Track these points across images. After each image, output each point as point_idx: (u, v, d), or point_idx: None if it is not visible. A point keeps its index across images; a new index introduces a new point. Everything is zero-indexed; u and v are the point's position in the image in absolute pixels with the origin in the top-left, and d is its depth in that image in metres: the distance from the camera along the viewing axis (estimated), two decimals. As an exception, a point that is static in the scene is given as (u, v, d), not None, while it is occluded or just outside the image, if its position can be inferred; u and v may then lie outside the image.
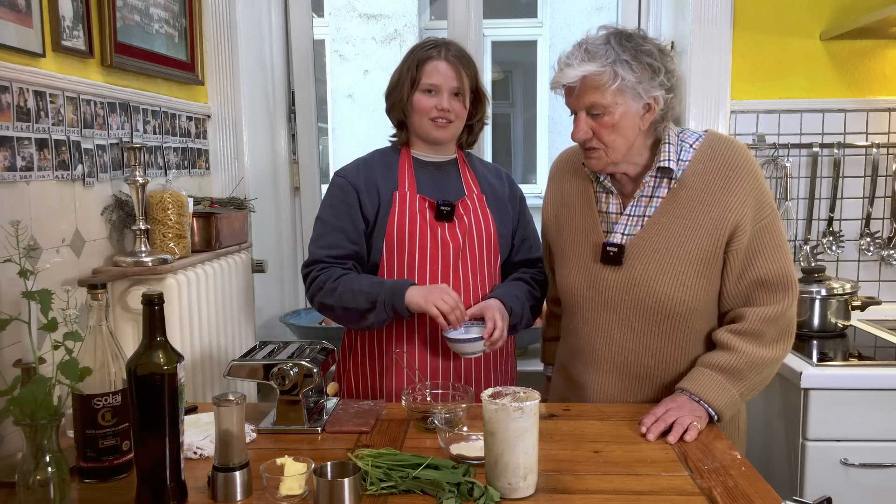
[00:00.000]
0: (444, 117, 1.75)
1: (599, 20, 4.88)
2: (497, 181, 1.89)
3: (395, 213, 1.75)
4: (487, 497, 1.16)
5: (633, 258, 1.54)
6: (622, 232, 1.57)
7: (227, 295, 2.16)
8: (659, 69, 1.46)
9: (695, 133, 1.58)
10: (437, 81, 1.74)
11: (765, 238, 1.50)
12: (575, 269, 1.63)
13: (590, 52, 1.46)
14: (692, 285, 1.51)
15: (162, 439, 1.13)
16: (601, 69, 1.44)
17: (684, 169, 1.53)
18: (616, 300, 1.56)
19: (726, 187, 1.50)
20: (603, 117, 1.48)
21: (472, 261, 1.78)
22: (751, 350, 1.48)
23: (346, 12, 5.06)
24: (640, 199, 1.56)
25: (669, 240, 1.52)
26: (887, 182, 2.44)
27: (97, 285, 1.25)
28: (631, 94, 1.46)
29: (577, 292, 1.62)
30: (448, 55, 1.75)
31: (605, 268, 1.57)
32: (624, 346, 1.58)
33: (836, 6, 2.38)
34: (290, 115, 2.88)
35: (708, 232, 1.49)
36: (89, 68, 1.80)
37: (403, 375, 1.77)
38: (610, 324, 1.58)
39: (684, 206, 1.51)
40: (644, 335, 1.56)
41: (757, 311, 1.49)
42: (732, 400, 1.49)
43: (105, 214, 1.84)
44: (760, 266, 1.50)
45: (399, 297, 1.65)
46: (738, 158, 1.52)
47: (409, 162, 1.82)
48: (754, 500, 1.17)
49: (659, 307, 1.53)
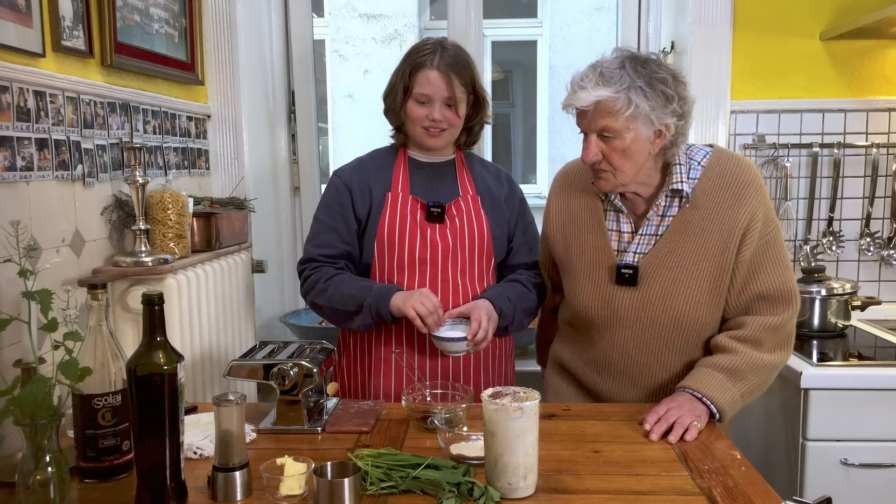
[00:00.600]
0: (435, 127, 1.74)
1: (599, 20, 4.88)
2: (495, 182, 1.88)
3: (386, 213, 1.76)
4: (487, 497, 1.16)
5: (647, 278, 1.57)
6: (634, 251, 1.59)
7: (227, 295, 2.16)
8: (672, 97, 1.47)
9: (702, 149, 1.60)
10: (427, 92, 1.72)
11: (768, 253, 1.53)
12: (589, 288, 1.65)
13: (604, 76, 1.46)
14: (706, 302, 1.55)
15: (162, 439, 1.13)
16: (615, 95, 1.44)
17: (694, 187, 1.55)
18: (631, 318, 1.59)
19: (735, 204, 1.52)
20: (614, 141, 1.49)
21: (462, 262, 1.78)
22: (751, 353, 1.51)
23: (346, 12, 5.06)
24: (653, 219, 1.59)
25: (683, 259, 1.54)
26: (887, 182, 2.44)
27: (97, 285, 1.25)
28: (643, 121, 1.47)
29: (593, 312, 1.64)
30: (440, 63, 1.71)
31: (619, 288, 1.59)
32: (639, 360, 1.62)
33: (836, 6, 2.38)
34: (290, 115, 2.88)
35: (719, 249, 1.52)
36: (89, 68, 1.80)
37: (392, 374, 1.78)
38: (625, 340, 1.62)
39: (696, 225, 1.54)
40: (659, 350, 1.60)
41: (758, 319, 1.52)
42: (734, 399, 1.50)
43: (105, 214, 1.84)
44: (763, 280, 1.53)
45: (384, 303, 1.67)
46: (747, 175, 1.54)
47: (405, 162, 1.82)
48: (754, 500, 1.17)
49: (674, 325, 1.56)
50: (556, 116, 4.99)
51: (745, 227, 1.51)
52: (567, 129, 5.02)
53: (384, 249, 1.76)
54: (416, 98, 1.73)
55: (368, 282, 1.75)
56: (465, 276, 1.78)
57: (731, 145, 2.46)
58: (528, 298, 1.80)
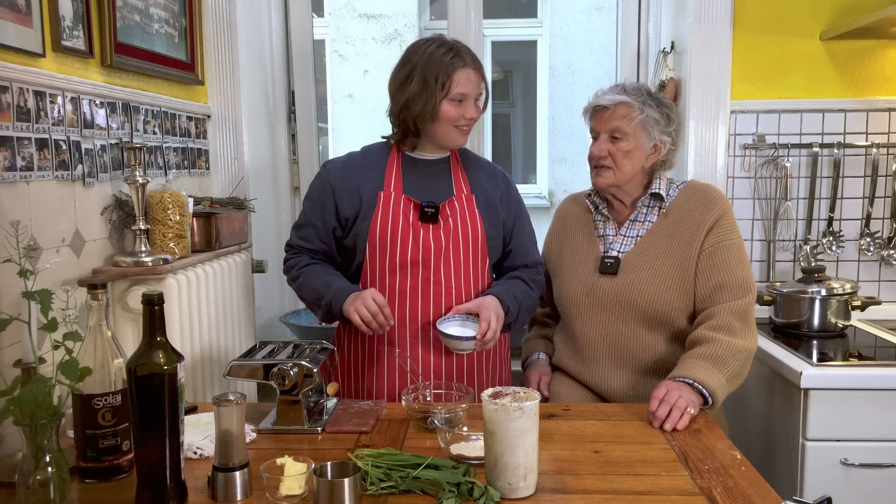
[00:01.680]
0: (468, 125, 1.77)
1: (599, 20, 4.88)
2: (490, 182, 1.86)
3: (378, 213, 1.74)
4: (487, 497, 1.16)
5: (627, 269, 1.82)
6: (618, 249, 1.86)
7: (227, 295, 2.16)
8: (672, 120, 1.83)
9: (680, 180, 1.93)
10: (466, 91, 1.73)
11: (730, 253, 1.78)
12: (575, 279, 1.88)
13: (626, 90, 1.82)
14: (676, 287, 1.78)
15: (162, 439, 1.13)
16: (634, 102, 1.80)
17: (670, 202, 1.85)
18: (611, 303, 1.82)
19: (704, 212, 1.81)
20: (621, 142, 1.80)
21: (455, 263, 1.77)
22: (727, 339, 1.67)
23: (346, 12, 5.06)
24: (634, 223, 1.87)
25: (658, 254, 1.81)
26: (887, 182, 2.44)
27: (97, 285, 1.25)
28: (648, 132, 1.80)
29: (577, 299, 1.86)
30: (470, 61, 1.74)
31: (602, 277, 1.84)
32: (619, 342, 1.82)
33: (836, 6, 2.38)
34: (290, 115, 2.88)
35: (687, 243, 1.80)
36: (89, 68, 1.80)
37: (385, 373, 1.78)
38: (606, 323, 1.83)
39: (670, 229, 1.83)
40: (636, 331, 1.81)
41: (724, 306, 1.73)
42: (721, 383, 1.60)
43: (105, 214, 1.84)
44: (725, 273, 1.77)
45: (338, 304, 1.70)
46: (716, 195, 1.85)
47: (398, 161, 1.81)
48: (754, 500, 1.17)
49: (650, 306, 1.78)
50: (556, 116, 4.99)
51: (709, 228, 1.79)
52: (567, 129, 5.02)
53: (376, 250, 1.75)
54: (454, 98, 1.72)
55: (332, 278, 1.76)
56: (460, 278, 1.78)
57: (731, 145, 2.46)
58: (530, 296, 1.83)
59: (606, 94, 1.84)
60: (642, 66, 2.75)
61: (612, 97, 1.81)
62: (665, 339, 1.80)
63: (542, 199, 5.01)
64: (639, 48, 2.74)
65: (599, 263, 1.84)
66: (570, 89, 4.90)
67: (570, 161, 4.91)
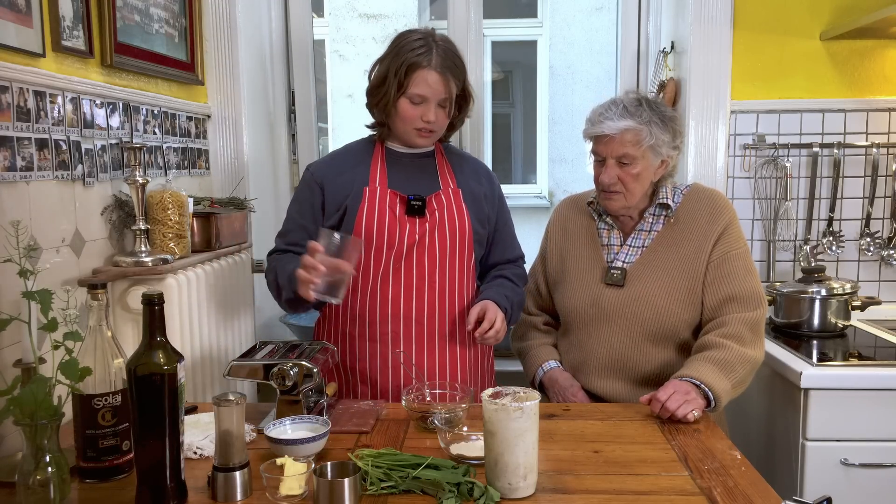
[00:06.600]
0: (428, 128, 1.73)
1: (599, 20, 4.88)
2: (474, 176, 1.86)
3: (363, 208, 1.73)
4: (487, 497, 1.16)
5: (633, 280, 1.79)
6: (623, 260, 1.82)
7: (227, 295, 2.16)
8: (678, 133, 1.76)
9: (684, 184, 1.89)
10: (424, 93, 1.68)
11: (737, 263, 1.75)
12: (581, 290, 1.85)
13: (628, 110, 1.71)
14: (684, 299, 1.75)
15: (162, 439, 1.13)
16: (640, 126, 1.70)
17: (675, 208, 1.81)
18: (616, 315, 1.79)
19: (710, 221, 1.78)
20: (630, 167, 1.73)
21: (441, 256, 1.76)
22: (737, 347, 1.65)
23: (346, 12, 5.06)
24: (640, 233, 1.83)
25: (665, 265, 1.78)
26: (887, 182, 2.44)
27: (97, 285, 1.25)
28: (656, 152, 1.73)
29: (582, 310, 1.83)
30: (438, 63, 1.66)
31: (607, 288, 1.80)
32: (623, 354, 1.79)
33: (836, 6, 2.38)
34: (290, 115, 2.88)
35: (695, 254, 1.76)
36: (89, 68, 1.80)
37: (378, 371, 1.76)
38: (610, 335, 1.80)
39: (676, 238, 1.79)
40: (641, 344, 1.78)
41: (736, 316, 1.70)
42: (726, 388, 1.59)
43: (105, 214, 1.84)
44: (734, 284, 1.73)
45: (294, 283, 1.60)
46: (721, 201, 1.82)
47: (382, 155, 1.80)
48: (754, 500, 1.17)
49: (656, 319, 1.76)
50: (556, 116, 4.99)
51: (716, 239, 1.76)
52: (567, 129, 5.02)
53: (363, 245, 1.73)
54: (411, 98, 1.69)
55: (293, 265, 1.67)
56: (446, 271, 1.77)
57: (731, 145, 2.46)
58: (517, 292, 1.85)
59: (608, 117, 1.71)
60: (642, 67, 2.75)
61: (617, 125, 1.69)
62: (669, 352, 1.78)
63: (542, 199, 5.01)
64: (639, 48, 2.74)
65: (605, 274, 1.81)
66: (570, 89, 4.91)
67: (570, 161, 4.90)
